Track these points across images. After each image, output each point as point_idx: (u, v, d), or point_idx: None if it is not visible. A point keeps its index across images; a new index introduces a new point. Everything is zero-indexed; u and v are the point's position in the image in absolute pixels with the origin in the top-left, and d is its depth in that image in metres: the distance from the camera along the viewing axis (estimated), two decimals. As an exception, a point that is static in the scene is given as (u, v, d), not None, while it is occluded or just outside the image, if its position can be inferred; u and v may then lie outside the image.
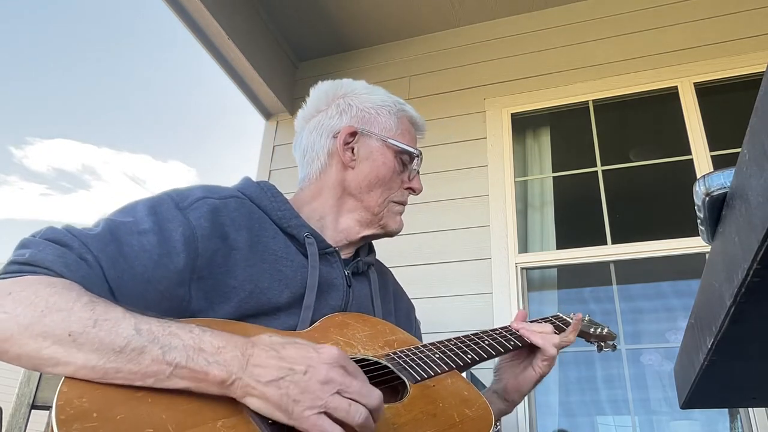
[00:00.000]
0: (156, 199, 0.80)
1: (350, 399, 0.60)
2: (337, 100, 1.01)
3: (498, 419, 0.92)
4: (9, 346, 0.58)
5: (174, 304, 0.75)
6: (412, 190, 1.04)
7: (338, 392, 0.60)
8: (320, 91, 1.04)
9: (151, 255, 0.73)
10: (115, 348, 0.58)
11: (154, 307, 0.71)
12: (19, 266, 0.65)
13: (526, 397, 2.05)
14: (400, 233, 1.04)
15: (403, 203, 1.04)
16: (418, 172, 1.04)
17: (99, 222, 0.75)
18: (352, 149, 0.98)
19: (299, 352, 0.62)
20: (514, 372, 1.02)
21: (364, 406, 0.61)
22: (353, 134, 0.98)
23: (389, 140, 0.99)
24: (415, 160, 1.02)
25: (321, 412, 0.59)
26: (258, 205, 0.90)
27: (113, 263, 0.70)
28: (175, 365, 0.59)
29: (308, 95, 1.05)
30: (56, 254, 0.66)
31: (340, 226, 0.97)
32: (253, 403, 0.60)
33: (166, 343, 0.60)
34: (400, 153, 1.00)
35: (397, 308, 1.09)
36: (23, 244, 0.68)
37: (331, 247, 0.93)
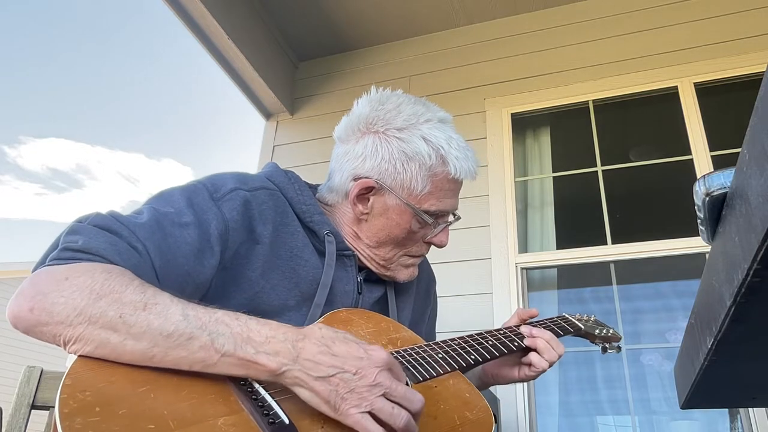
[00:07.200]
0: (191, 189, 0.82)
1: (395, 402, 0.63)
2: (367, 137, 0.92)
3: None
4: (63, 328, 0.60)
5: (198, 293, 0.77)
6: (435, 245, 0.97)
7: (384, 395, 0.63)
8: (359, 113, 0.94)
9: (192, 249, 0.75)
10: (164, 333, 0.60)
11: (186, 297, 0.73)
12: (73, 253, 0.66)
13: (526, 397, 2.07)
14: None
15: (420, 256, 0.98)
16: (450, 222, 0.98)
17: (142, 210, 0.77)
18: (368, 199, 0.92)
19: (350, 350, 0.64)
20: (500, 361, 1.01)
21: (407, 409, 0.64)
22: (370, 188, 0.91)
23: (409, 203, 0.91)
24: (443, 218, 0.95)
25: (366, 412, 0.62)
26: (284, 195, 0.90)
27: (159, 253, 0.72)
28: (223, 353, 0.61)
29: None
30: (108, 242, 0.67)
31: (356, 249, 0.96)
32: (301, 393, 0.63)
33: (213, 330, 0.62)
34: (421, 213, 0.92)
35: (415, 305, 1.07)
36: (73, 230, 0.68)
37: (350, 250, 0.93)
